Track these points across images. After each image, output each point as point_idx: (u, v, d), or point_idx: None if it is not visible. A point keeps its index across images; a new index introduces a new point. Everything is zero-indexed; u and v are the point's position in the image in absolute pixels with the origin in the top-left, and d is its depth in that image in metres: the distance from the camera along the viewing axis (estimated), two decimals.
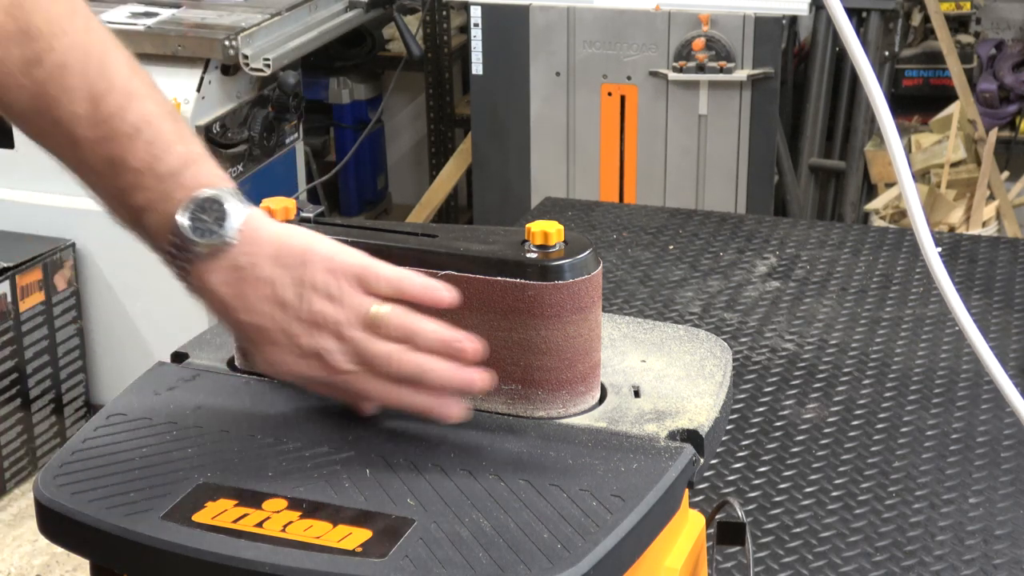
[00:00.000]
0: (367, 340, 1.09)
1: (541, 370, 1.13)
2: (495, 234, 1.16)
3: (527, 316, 1.12)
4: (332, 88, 4.60)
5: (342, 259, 1.11)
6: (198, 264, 1.10)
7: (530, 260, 1.11)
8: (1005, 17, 4.42)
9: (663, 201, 3.65)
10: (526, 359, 1.13)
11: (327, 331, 1.09)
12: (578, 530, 1.00)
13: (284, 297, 1.09)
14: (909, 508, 1.69)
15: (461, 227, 1.24)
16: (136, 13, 3.58)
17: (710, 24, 3.53)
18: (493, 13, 3.70)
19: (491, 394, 1.14)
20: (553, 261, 1.11)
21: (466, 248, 1.14)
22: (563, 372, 1.14)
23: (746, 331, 2.15)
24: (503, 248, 1.13)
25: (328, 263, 1.10)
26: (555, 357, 1.13)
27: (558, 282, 1.11)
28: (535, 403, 1.14)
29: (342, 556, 0.98)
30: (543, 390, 1.14)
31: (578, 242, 1.14)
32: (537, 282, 1.11)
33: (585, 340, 1.14)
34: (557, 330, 1.12)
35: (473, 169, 3.93)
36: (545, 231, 1.12)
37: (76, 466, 1.09)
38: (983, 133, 4.03)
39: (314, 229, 1.16)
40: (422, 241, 1.16)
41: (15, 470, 3.41)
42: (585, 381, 1.15)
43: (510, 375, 1.14)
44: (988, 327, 2.14)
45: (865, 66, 1.28)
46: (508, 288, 1.11)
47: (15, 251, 3.37)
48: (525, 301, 1.11)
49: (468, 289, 1.12)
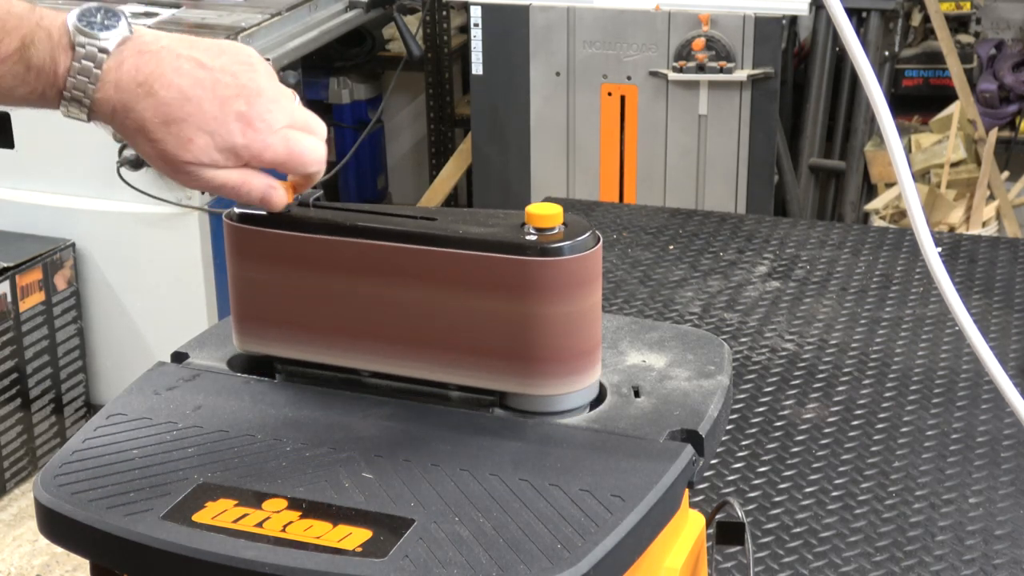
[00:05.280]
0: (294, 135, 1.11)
1: (543, 347, 1.13)
2: (495, 217, 1.16)
3: (528, 293, 1.11)
4: (332, 88, 4.59)
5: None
6: (103, 70, 1.07)
7: (529, 242, 1.11)
8: (1005, 17, 4.42)
9: (663, 201, 3.65)
10: (529, 337, 1.13)
11: (261, 101, 1.09)
12: (578, 530, 1.00)
13: (204, 61, 1.09)
14: (909, 508, 1.69)
15: (460, 210, 1.24)
16: (136, 13, 3.58)
17: (710, 24, 3.53)
18: (493, 13, 3.70)
19: (495, 373, 1.14)
20: (552, 242, 1.11)
21: (465, 230, 1.14)
22: (565, 349, 1.13)
23: (746, 331, 2.15)
24: (503, 230, 1.13)
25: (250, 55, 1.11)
26: (557, 334, 1.12)
27: (558, 258, 1.11)
28: (538, 380, 1.14)
29: (342, 556, 0.98)
30: (546, 367, 1.13)
31: (577, 224, 1.14)
32: (537, 258, 1.11)
33: (586, 317, 1.14)
34: (558, 307, 1.12)
35: (473, 169, 3.93)
36: (544, 214, 1.12)
37: (76, 466, 1.09)
38: (983, 133, 4.03)
39: (314, 213, 1.16)
40: (421, 224, 1.15)
41: (15, 470, 3.40)
42: (586, 358, 1.15)
43: (513, 353, 1.13)
44: (988, 327, 2.14)
45: (865, 66, 1.28)
46: (509, 266, 1.11)
47: (15, 251, 3.37)
48: (526, 278, 1.11)
49: (469, 269, 1.12)
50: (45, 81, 1.08)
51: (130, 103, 1.08)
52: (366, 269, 1.15)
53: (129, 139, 1.10)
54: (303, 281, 1.18)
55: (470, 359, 1.15)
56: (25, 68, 1.07)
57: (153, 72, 1.08)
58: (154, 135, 1.09)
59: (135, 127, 1.08)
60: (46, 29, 1.07)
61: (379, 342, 1.17)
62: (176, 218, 3.40)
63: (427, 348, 1.16)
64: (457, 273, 1.12)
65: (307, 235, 1.16)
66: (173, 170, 1.10)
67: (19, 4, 1.07)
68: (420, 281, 1.14)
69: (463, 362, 1.15)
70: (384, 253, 1.14)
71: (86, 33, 1.07)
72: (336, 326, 1.18)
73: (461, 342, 1.14)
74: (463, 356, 1.15)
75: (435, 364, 1.16)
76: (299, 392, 1.19)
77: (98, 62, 1.07)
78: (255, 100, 1.10)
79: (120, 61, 1.07)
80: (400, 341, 1.16)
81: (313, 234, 1.16)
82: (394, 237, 1.14)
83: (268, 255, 1.18)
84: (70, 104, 1.08)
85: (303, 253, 1.17)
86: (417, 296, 1.14)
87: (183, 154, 1.09)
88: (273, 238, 1.17)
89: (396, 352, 1.17)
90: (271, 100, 1.11)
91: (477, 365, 1.15)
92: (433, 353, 1.16)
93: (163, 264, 3.46)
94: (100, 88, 1.07)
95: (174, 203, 3.34)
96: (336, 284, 1.17)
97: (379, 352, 1.18)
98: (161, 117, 1.08)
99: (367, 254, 1.15)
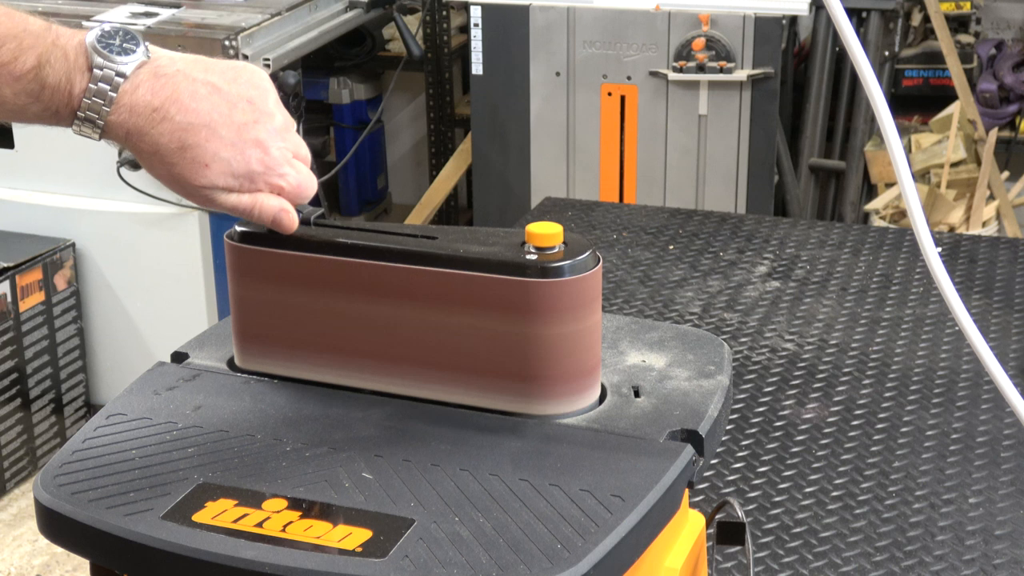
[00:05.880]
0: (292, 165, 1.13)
1: (542, 368, 1.13)
2: (495, 236, 1.16)
3: (527, 314, 1.12)
4: (332, 88, 4.59)
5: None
6: (119, 93, 1.07)
7: (530, 262, 1.11)
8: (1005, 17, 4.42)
9: (663, 201, 3.65)
10: (527, 357, 1.13)
11: (272, 131, 1.11)
12: (578, 530, 1.00)
13: (220, 86, 1.09)
14: (909, 508, 1.69)
15: (461, 229, 1.24)
16: (136, 13, 3.58)
17: (710, 24, 3.53)
18: (493, 13, 3.70)
19: (495, 392, 1.14)
20: (553, 262, 1.11)
21: (466, 250, 1.14)
22: (564, 370, 1.14)
23: (746, 331, 2.15)
24: (503, 250, 1.13)
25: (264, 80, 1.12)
26: (556, 355, 1.13)
27: (558, 279, 1.11)
28: (537, 401, 1.14)
29: (342, 556, 0.98)
30: (544, 388, 1.14)
31: (577, 243, 1.14)
32: (537, 280, 1.11)
33: (585, 338, 1.14)
34: (558, 328, 1.12)
35: (473, 169, 3.93)
36: (544, 233, 1.12)
37: (76, 466, 1.09)
38: (983, 133, 4.03)
39: (315, 232, 1.16)
40: (422, 243, 1.16)
41: (15, 470, 3.41)
42: (586, 379, 1.15)
43: (512, 373, 1.14)
44: (988, 327, 2.14)
45: (865, 66, 1.28)
46: (508, 286, 1.11)
47: (15, 251, 3.37)
48: (525, 299, 1.11)
49: (469, 289, 1.12)
50: (59, 101, 1.08)
51: (144, 128, 1.08)
52: (366, 289, 1.16)
53: (143, 161, 1.11)
54: (304, 300, 1.18)
55: (470, 379, 1.15)
56: (40, 87, 1.07)
57: (169, 97, 1.08)
58: (169, 159, 1.09)
59: (150, 151, 1.09)
60: (62, 48, 1.07)
61: (379, 361, 1.18)
62: (176, 218, 3.40)
63: (426, 368, 1.16)
64: (457, 293, 1.13)
65: (308, 255, 1.17)
66: (186, 193, 1.11)
67: (35, 22, 1.08)
68: (420, 301, 1.14)
69: (463, 382, 1.16)
70: (384, 273, 1.15)
71: (105, 56, 1.07)
72: (337, 345, 1.18)
73: (461, 362, 1.15)
74: (463, 376, 1.15)
75: (435, 384, 1.17)
76: (299, 392, 1.19)
77: (114, 86, 1.07)
78: (270, 127, 1.11)
79: (136, 85, 1.08)
80: (400, 360, 1.17)
81: (313, 254, 1.16)
82: (394, 257, 1.14)
83: (269, 274, 1.19)
84: (83, 124, 1.08)
85: (304, 273, 1.17)
86: (417, 316, 1.15)
87: (198, 179, 1.09)
88: (274, 258, 1.18)
89: (396, 371, 1.17)
90: (284, 128, 1.13)
91: (477, 385, 1.15)
92: (432, 373, 1.16)
93: (163, 264, 3.46)
94: (114, 111, 1.07)
95: (174, 203, 3.34)
96: (337, 304, 1.17)
97: (379, 371, 1.18)
98: (177, 142, 1.08)
99: (367, 274, 1.15)
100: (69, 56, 1.07)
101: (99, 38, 1.07)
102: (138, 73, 1.08)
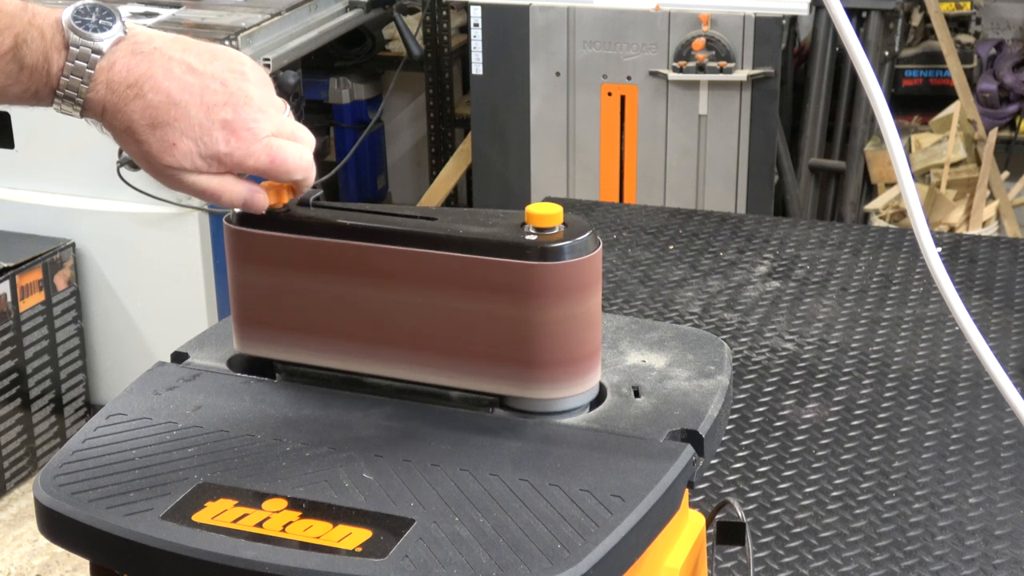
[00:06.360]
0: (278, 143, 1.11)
1: (543, 351, 1.13)
2: (494, 217, 1.16)
3: (528, 296, 1.11)
4: (332, 88, 4.59)
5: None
6: (96, 70, 1.07)
7: (529, 242, 1.11)
8: (1005, 17, 4.42)
9: (663, 201, 3.65)
10: (528, 340, 1.12)
11: (248, 109, 1.09)
12: (578, 530, 1.00)
13: (196, 66, 1.09)
14: (909, 508, 1.69)
15: (460, 210, 1.24)
16: (136, 13, 3.58)
17: (710, 24, 3.53)
18: (493, 13, 3.70)
19: (495, 376, 1.14)
20: (552, 243, 1.11)
21: (465, 231, 1.13)
22: (565, 352, 1.13)
23: (746, 331, 2.15)
24: (503, 230, 1.13)
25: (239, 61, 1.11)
26: (557, 337, 1.12)
27: (558, 262, 1.11)
28: (536, 384, 1.14)
29: (342, 556, 0.98)
30: (545, 371, 1.13)
31: (577, 224, 1.14)
32: (537, 262, 1.11)
33: (586, 320, 1.14)
34: (558, 310, 1.12)
35: (473, 169, 3.93)
36: (544, 214, 1.12)
37: (76, 466, 1.09)
38: (983, 133, 4.03)
39: (314, 214, 1.16)
40: (421, 224, 1.15)
41: (15, 470, 3.41)
42: (586, 362, 1.15)
43: (513, 356, 1.13)
44: (988, 327, 2.14)
45: (865, 66, 1.28)
46: (508, 269, 1.11)
47: (15, 251, 3.37)
48: (525, 281, 1.11)
49: (469, 271, 1.12)
50: (38, 80, 1.08)
51: (120, 104, 1.08)
52: (365, 271, 1.15)
53: (117, 138, 1.10)
54: (302, 283, 1.18)
55: (470, 362, 1.15)
56: (19, 67, 1.07)
57: (144, 74, 1.08)
58: (140, 136, 1.09)
59: (123, 127, 1.09)
60: (39, 27, 1.07)
61: (378, 344, 1.17)
62: (176, 218, 3.40)
63: (426, 351, 1.16)
64: (456, 275, 1.12)
65: (306, 237, 1.16)
66: (155, 172, 1.11)
67: (11, 2, 1.07)
68: (420, 283, 1.14)
69: (463, 365, 1.15)
70: (384, 255, 1.14)
71: (80, 33, 1.07)
72: (336, 328, 1.18)
73: (460, 345, 1.14)
74: (463, 359, 1.15)
75: (434, 367, 1.16)
76: (299, 392, 1.18)
77: (91, 62, 1.07)
78: (242, 108, 1.10)
79: (112, 61, 1.07)
80: (399, 343, 1.16)
81: (312, 236, 1.16)
82: (394, 238, 1.14)
83: (268, 257, 1.18)
84: (63, 102, 1.08)
85: (302, 255, 1.17)
86: (417, 298, 1.14)
87: (166, 158, 1.09)
88: (273, 240, 1.17)
89: (395, 355, 1.17)
90: (258, 109, 1.11)
91: (477, 368, 1.15)
92: (432, 356, 1.16)
93: (163, 264, 3.46)
94: (92, 88, 1.07)
95: (174, 203, 3.34)
96: (336, 286, 1.17)
97: (378, 355, 1.18)
98: (148, 120, 1.08)
99: (366, 256, 1.15)
100: (46, 35, 1.07)
101: (75, 15, 1.07)
102: (115, 50, 1.08)
